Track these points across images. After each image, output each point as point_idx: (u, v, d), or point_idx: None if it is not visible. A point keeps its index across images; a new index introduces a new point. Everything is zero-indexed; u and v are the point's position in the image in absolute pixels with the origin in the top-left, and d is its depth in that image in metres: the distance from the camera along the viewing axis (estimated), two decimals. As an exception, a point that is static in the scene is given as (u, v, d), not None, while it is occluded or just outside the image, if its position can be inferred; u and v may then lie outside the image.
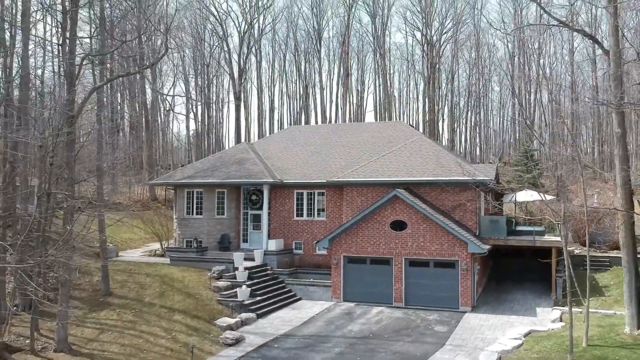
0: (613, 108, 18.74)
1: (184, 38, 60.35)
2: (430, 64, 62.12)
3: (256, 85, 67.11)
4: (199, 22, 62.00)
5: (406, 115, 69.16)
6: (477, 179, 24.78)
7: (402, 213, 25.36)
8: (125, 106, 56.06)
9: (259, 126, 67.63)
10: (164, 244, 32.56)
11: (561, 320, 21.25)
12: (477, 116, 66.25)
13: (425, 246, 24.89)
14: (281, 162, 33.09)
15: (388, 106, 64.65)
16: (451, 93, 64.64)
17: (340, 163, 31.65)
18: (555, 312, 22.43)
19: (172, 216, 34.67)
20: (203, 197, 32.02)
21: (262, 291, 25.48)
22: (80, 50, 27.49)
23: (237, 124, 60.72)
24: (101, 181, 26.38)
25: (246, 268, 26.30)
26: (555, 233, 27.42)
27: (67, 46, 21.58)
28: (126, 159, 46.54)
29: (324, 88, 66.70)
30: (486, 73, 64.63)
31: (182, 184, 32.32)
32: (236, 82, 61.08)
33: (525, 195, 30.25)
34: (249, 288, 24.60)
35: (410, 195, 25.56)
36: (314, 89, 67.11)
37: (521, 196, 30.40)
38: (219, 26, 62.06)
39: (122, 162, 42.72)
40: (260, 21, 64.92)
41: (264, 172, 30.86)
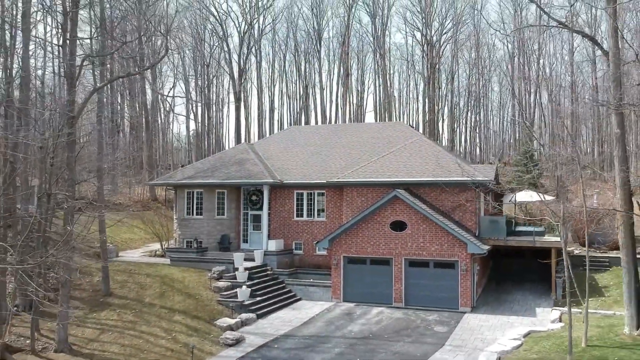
0: (612, 109, 18.77)
1: (184, 38, 60.48)
2: (430, 64, 62.14)
3: (256, 85, 67.19)
4: (199, 23, 62.08)
5: (406, 115, 69.24)
6: (477, 180, 24.82)
7: (402, 213, 25.41)
8: (125, 106, 56.08)
9: (259, 126, 67.68)
10: (164, 245, 32.59)
11: (561, 320, 21.28)
12: (477, 116, 66.33)
13: (425, 246, 24.93)
14: (281, 163, 33.13)
15: (388, 106, 64.66)
16: (451, 93, 64.72)
17: (340, 163, 31.68)
18: (554, 313, 22.46)
19: (172, 216, 34.71)
20: (203, 198, 32.05)
21: (262, 291, 25.52)
22: (80, 51, 27.51)
23: (237, 124, 60.78)
24: (101, 182, 26.41)
25: (246, 268, 26.34)
26: (555, 233, 27.43)
27: (68, 47, 21.62)
28: (126, 160, 46.57)
29: (324, 88, 66.81)
30: (486, 73, 64.71)
31: (182, 185, 32.35)
32: (236, 83, 61.10)
33: (525, 195, 30.30)
34: (249, 288, 24.64)
35: (410, 195, 25.59)
36: (314, 89, 67.23)
37: (521, 196, 30.45)
38: (219, 26, 62.15)
39: (123, 163, 42.76)
40: (260, 21, 65.07)
41: (264, 173, 30.90)
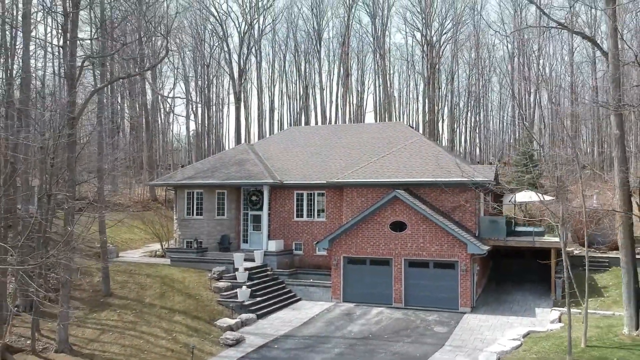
0: (611, 110, 18.80)
1: (184, 39, 60.51)
2: (430, 65, 62.15)
3: (256, 85, 67.20)
4: (199, 23, 62.05)
5: (406, 115, 69.23)
6: (476, 180, 24.84)
7: (402, 214, 25.44)
8: (125, 107, 56.11)
9: (259, 126, 67.70)
10: (164, 245, 32.64)
11: (560, 321, 21.32)
12: (477, 117, 66.33)
13: (424, 247, 24.97)
14: (281, 163, 33.16)
15: (388, 106, 64.66)
16: (451, 93, 64.71)
17: (340, 164, 31.72)
18: (554, 313, 22.49)
19: (173, 217, 34.75)
20: (203, 198, 32.09)
21: (262, 292, 25.56)
22: (80, 52, 27.54)
23: (237, 125, 60.80)
24: (102, 182, 26.43)
25: (246, 269, 26.39)
26: (554, 234, 27.46)
27: (68, 48, 21.65)
28: (126, 160, 46.59)
29: (324, 88, 66.80)
30: (486, 73, 64.74)
31: (183, 185, 32.39)
32: (236, 83, 61.14)
33: (524, 196, 30.33)
34: (249, 289, 24.68)
35: (410, 196, 25.63)
36: (314, 90, 67.21)
37: (520, 197, 30.48)
38: (219, 26, 62.13)
39: (123, 163, 42.77)
40: (260, 22, 65.08)
41: (264, 173, 30.94)
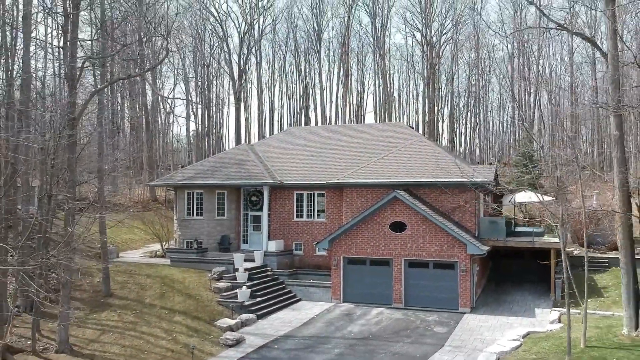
0: (611, 111, 18.84)
1: (184, 39, 60.53)
2: (430, 65, 62.20)
3: (256, 85, 67.25)
4: (199, 23, 62.12)
5: (406, 115, 69.28)
6: (476, 181, 24.88)
7: (402, 214, 25.48)
8: (125, 107, 56.15)
9: (259, 127, 67.75)
10: (165, 245, 32.68)
11: (560, 321, 21.34)
12: (477, 117, 66.36)
13: (424, 247, 25.01)
14: (281, 164, 33.20)
15: (388, 107, 64.70)
16: (451, 94, 64.75)
17: (340, 164, 31.75)
18: (553, 314, 22.52)
19: (173, 217, 34.78)
20: (203, 198, 32.12)
21: (262, 292, 25.59)
22: (81, 52, 27.54)
23: (237, 125, 60.86)
24: (102, 183, 26.47)
25: (246, 269, 26.42)
26: (554, 234, 27.50)
27: (68, 49, 21.67)
28: (127, 160, 46.63)
29: (324, 89, 66.85)
30: (486, 74, 64.76)
31: (183, 185, 32.43)
32: (236, 83, 61.18)
33: (524, 196, 30.35)
34: (249, 289, 24.71)
35: (409, 196, 25.66)
36: (314, 90, 67.26)
37: (520, 197, 30.50)
38: (219, 27, 62.20)
39: (123, 164, 42.81)
40: (260, 22, 65.15)
41: (264, 174, 30.97)
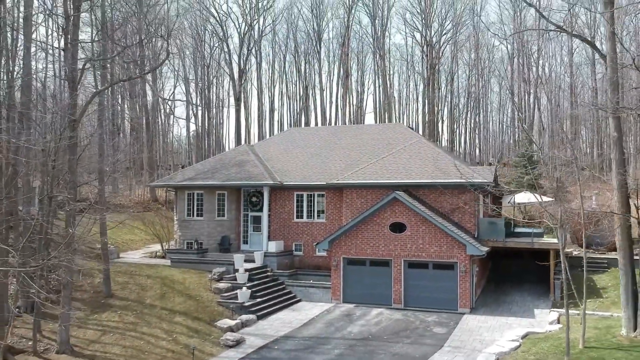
0: (609, 113, 18.91)
1: (185, 39, 60.59)
2: (429, 65, 62.24)
3: (256, 86, 67.31)
4: (199, 24, 62.21)
5: (406, 116, 69.31)
6: (475, 182, 24.95)
7: (402, 215, 25.54)
8: (125, 108, 56.22)
9: (259, 127, 67.81)
10: (165, 246, 32.75)
11: (559, 322, 21.41)
12: (477, 117, 66.42)
13: (424, 248, 25.07)
14: (281, 164, 33.26)
15: (388, 107, 64.73)
16: (451, 94, 64.78)
17: (339, 165, 31.82)
18: (553, 314, 22.57)
19: (173, 218, 34.84)
20: (203, 199, 32.19)
21: (262, 293, 25.66)
22: (82, 54, 27.63)
23: (237, 125, 60.92)
24: (103, 184, 26.53)
25: (246, 270, 26.50)
26: (553, 235, 27.56)
27: (69, 50, 21.73)
28: (127, 161, 46.69)
29: (324, 89, 66.91)
30: (486, 74, 64.80)
31: (183, 186, 32.48)
32: (236, 83, 61.24)
33: (523, 197, 30.44)
34: (249, 290, 24.78)
35: (409, 197, 25.72)
36: (314, 90, 67.30)
37: (520, 198, 30.59)
38: (219, 27, 62.31)
39: (123, 164, 42.88)
40: (260, 22, 65.20)
41: (264, 174, 31.04)
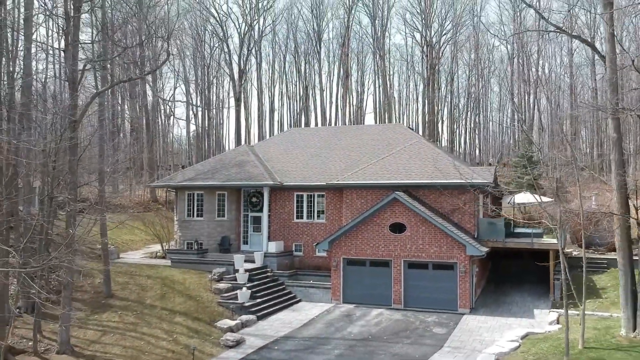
0: (609, 114, 18.95)
1: (185, 40, 60.60)
2: (429, 66, 62.27)
3: (256, 86, 67.34)
4: (200, 24, 62.26)
5: (406, 116, 69.36)
6: (475, 182, 24.99)
7: (401, 215, 25.58)
8: (125, 108, 56.25)
9: (259, 127, 67.85)
10: (165, 246, 32.78)
11: (558, 322, 21.45)
12: (477, 117, 66.43)
13: (424, 248, 25.11)
14: (281, 165, 33.30)
15: (388, 107, 64.77)
16: (450, 94, 64.80)
17: (339, 165, 31.85)
18: (552, 315, 22.61)
19: (173, 218, 34.87)
20: (204, 199, 32.22)
21: (262, 293, 25.70)
22: (82, 55, 27.66)
23: (237, 125, 60.99)
24: (103, 185, 26.56)
25: (246, 270, 26.53)
26: (553, 235, 27.60)
27: (70, 51, 21.76)
28: (127, 161, 46.71)
29: (324, 89, 66.95)
30: (485, 74, 64.83)
31: (183, 186, 32.51)
32: (236, 84, 61.28)
33: (523, 197, 30.48)
34: (249, 290, 24.82)
35: (409, 197, 25.76)
36: (314, 90, 67.34)
37: (520, 198, 30.62)
38: (219, 27, 62.36)
39: (123, 164, 42.88)
40: (260, 23, 65.25)
41: (264, 175, 31.08)
